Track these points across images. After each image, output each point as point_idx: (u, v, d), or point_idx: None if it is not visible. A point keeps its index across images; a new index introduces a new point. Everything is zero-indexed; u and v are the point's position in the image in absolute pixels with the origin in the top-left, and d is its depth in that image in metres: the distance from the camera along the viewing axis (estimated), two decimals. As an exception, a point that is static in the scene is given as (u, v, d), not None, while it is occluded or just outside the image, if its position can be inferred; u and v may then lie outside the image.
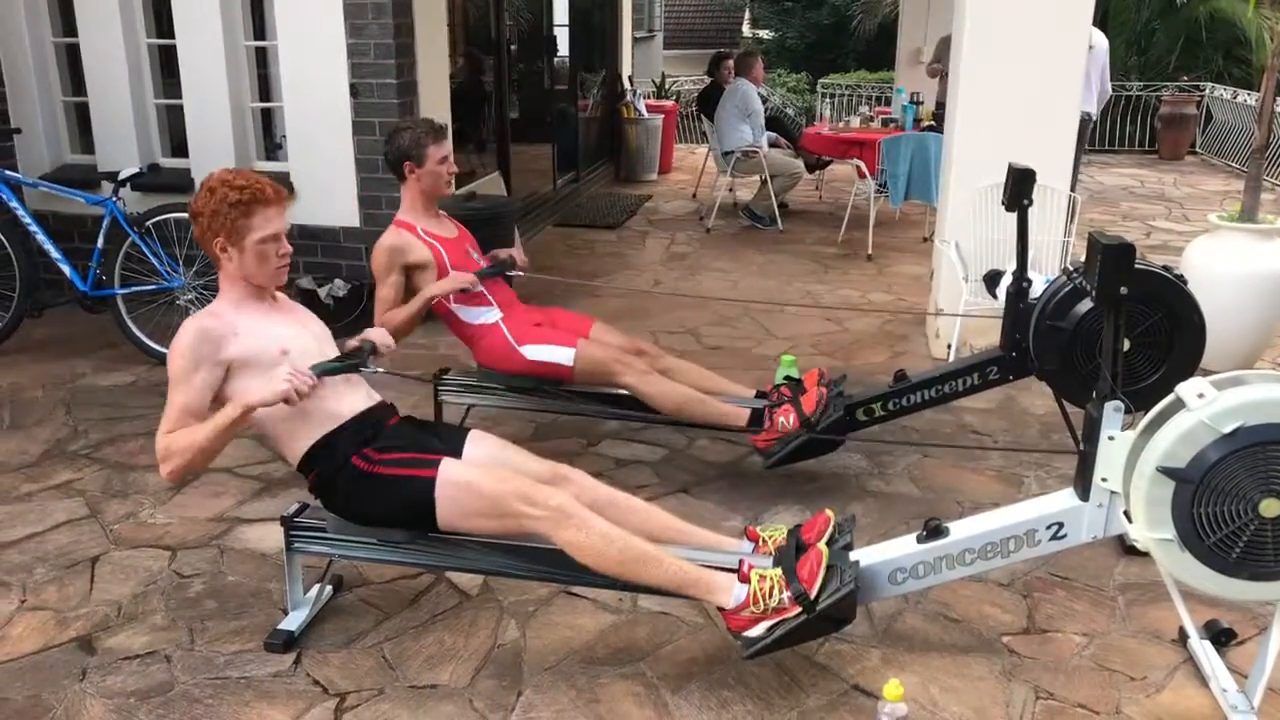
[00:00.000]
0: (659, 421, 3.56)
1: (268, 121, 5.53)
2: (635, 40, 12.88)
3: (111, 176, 4.70)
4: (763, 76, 8.37)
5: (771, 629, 2.33)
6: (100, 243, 4.63)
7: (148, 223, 4.58)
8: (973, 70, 4.47)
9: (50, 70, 5.48)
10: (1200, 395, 2.04)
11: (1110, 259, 2.09)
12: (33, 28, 5.34)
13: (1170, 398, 2.14)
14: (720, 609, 2.38)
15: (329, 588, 2.80)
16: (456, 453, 2.58)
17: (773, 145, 8.22)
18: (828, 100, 11.36)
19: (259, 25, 5.32)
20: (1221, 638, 2.60)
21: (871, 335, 5.30)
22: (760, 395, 3.56)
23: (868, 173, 7.21)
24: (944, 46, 8.59)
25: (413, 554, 2.58)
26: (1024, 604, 2.85)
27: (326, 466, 2.50)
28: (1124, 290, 2.11)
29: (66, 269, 4.67)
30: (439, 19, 5.52)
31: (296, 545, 2.62)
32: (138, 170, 4.77)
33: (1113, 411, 2.21)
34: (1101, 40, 6.82)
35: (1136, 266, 2.22)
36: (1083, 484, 2.30)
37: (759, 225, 7.88)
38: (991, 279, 4.35)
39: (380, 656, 2.58)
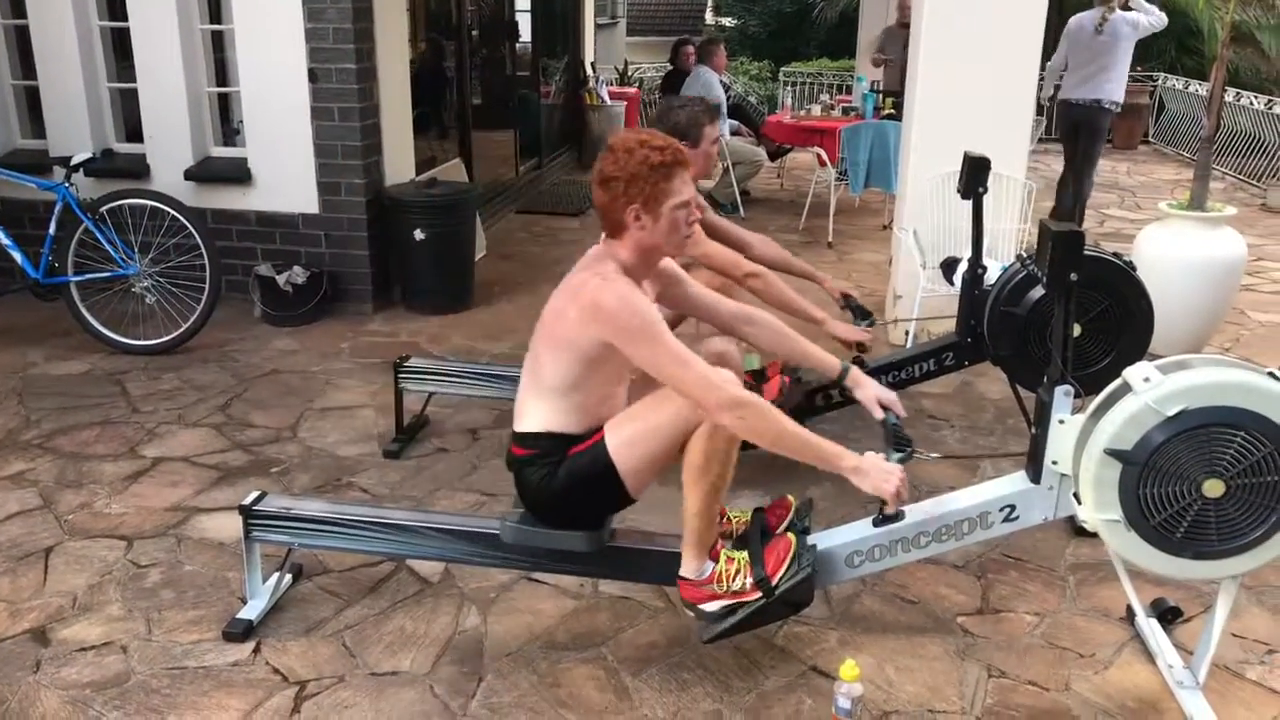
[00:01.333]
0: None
1: (224, 107, 5.45)
2: (598, 27, 12.84)
3: (64, 162, 4.61)
4: (725, 64, 8.39)
5: (729, 610, 2.36)
6: (52, 229, 4.55)
7: (102, 209, 4.51)
8: (930, 61, 4.51)
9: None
10: (1146, 379, 2.09)
11: (1060, 245, 2.13)
12: (-22, 9, 5.23)
13: (1118, 382, 2.19)
14: (680, 578, 2.40)
15: (288, 576, 2.79)
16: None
17: (735, 133, 8.25)
18: (789, 88, 11.40)
19: (215, 9, 5.24)
20: (1168, 616, 2.67)
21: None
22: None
23: (828, 161, 7.25)
24: (887, 36, 8.70)
25: (373, 541, 2.58)
26: (978, 585, 2.90)
27: (546, 456, 2.35)
28: (1074, 276, 2.15)
29: (18, 256, 4.59)
30: (399, 3, 5.47)
31: (255, 534, 2.61)
32: (91, 155, 4.69)
33: (1062, 396, 2.25)
34: (1131, 17, 6.41)
35: (1086, 253, 2.26)
36: (1034, 467, 2.35)
37: (722, 212, 7.88)
38: (948, 266, 4.41)
39: (340, 644, 2.58)
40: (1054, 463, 2.29)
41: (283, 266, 5.07)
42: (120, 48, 5.32)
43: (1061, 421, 2.26)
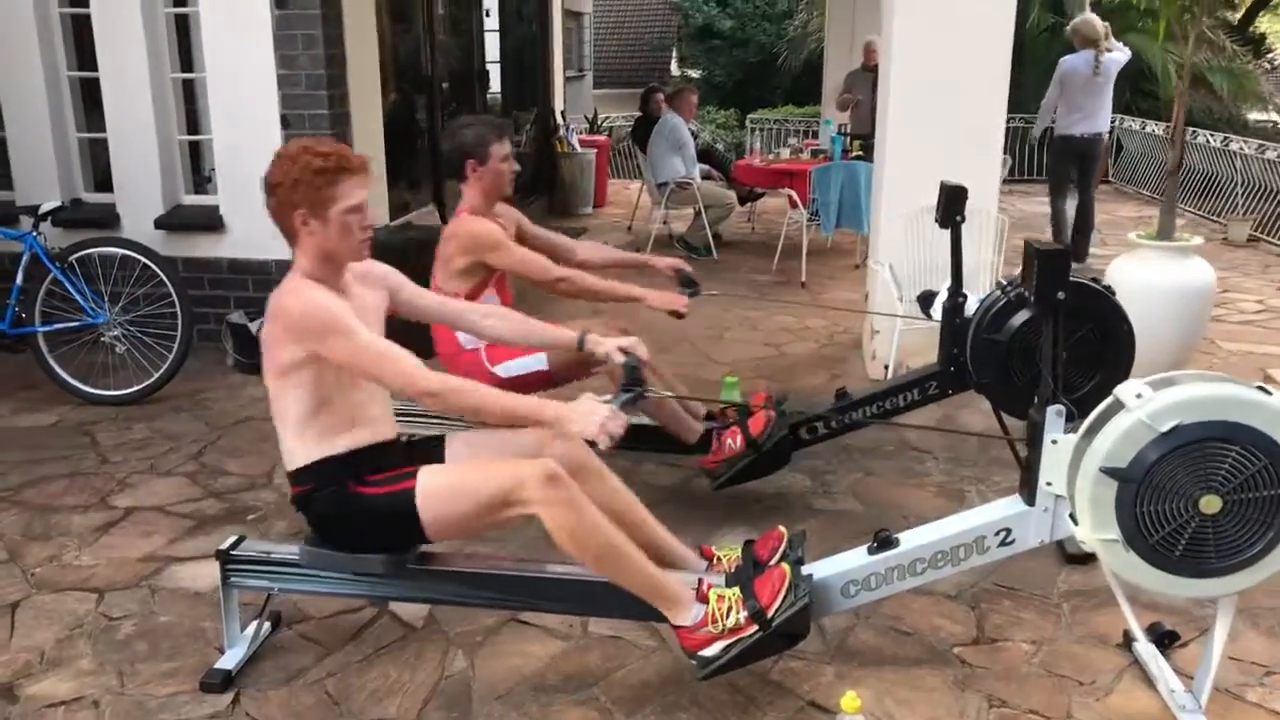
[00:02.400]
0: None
1: (195, 155, 5.42)
2: (566, 79, 12.96)
3: (31, 211, 4.55)
4: (694, 110, 8.46)
5: (727, 648, 2.31)
6: (19, 279, 4.46)
7: (71, 258, 4.44)
8: (900, 98, 4.57)
9: (-36, 104, 5.31)
10: (1138, 396, 2.09)
11: (1046, 264, 2.14)
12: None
13: (1109, 400, 2.18)
14: (676, 627, 2.34)
15: (267, 624, 2.70)
16: (440, 458, 2.51)
17: (705, 177, 8.31)
18: (756, 134, 11.53)
19: (186, 57, 5.22)
20: (1165, 640, 2.63)
21: (809, 359, 5.35)
22: (709, 418, 3.55)
23: (799, 202, 7.31)
24: (853, 79, 8.85)
25: (356, 585, 2.50)
26: (972, 615, 2.86)
27: (325, 484, 2.34)
28: (1061, 295, 2.16)
29: (-17, 307, 4.50)
30: (370, 51, 5.49)
31: (233, 579, 2.53)
32: (59, 204, 4.63)
33: (1055, 416, 2.24)
34: (1118, 56, 6.99)
35: (1079, 282, 2.27)
36: (1028, 489, 2.33)
37: (695, 255, 7.93)
38: (925, 300, 4.41)
39: (324, 692, 2.49)
40: (1048, 484, 2.28)
41: (256, 314, 4.98)
42: (89, 97, 5.28)
43: (1054, 441, 2.24)
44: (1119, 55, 7.02)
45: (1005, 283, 3.14)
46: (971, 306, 3.38)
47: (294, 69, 4.83)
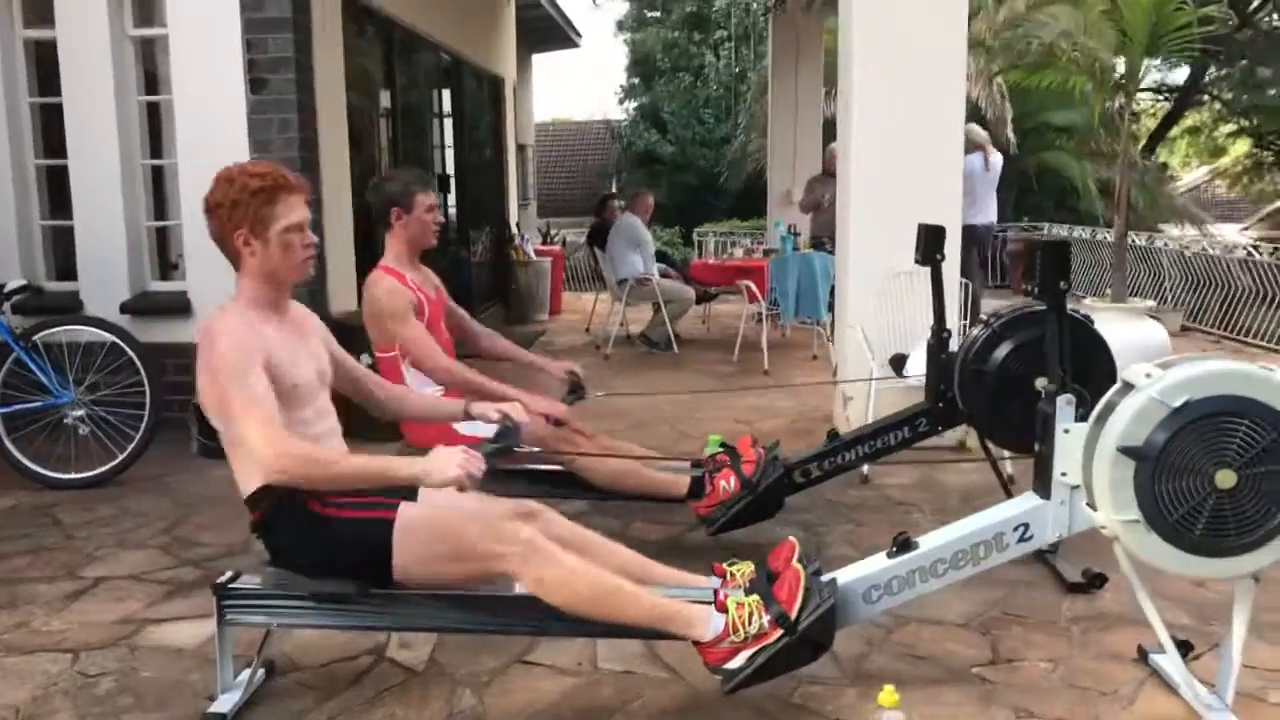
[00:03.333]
0: (593, 496, 3.47)
1: (162, 241, 5.39)
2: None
3: (-5, 290, 4.46)
4: (650, 211, 8.68)
5: (752, 657, 2.24)
6: (-21, 361, 4.34)
7: (35, 337, 4.34)
8: (861, 174, 4.76)
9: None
10: (1148, 375, 2.14)
11: (1050, 255, 2.22)
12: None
13: (1116, 385, 2.23)
14: (697, 643, 2.28)
15: (261, 671, 2.56)
16: (413, 497, 2.46)
17: (664, 275, 8.47)
18: (708, 241, 11.83)
19: (156, 144, 5.26)
20: (1179, 651, 2.62)
21: (782, 432, 5.36)
22: (697, 465, 3.53)
23: (758, 295, 7.47)
24: (817, 183, 9.18)
25: (361, 616, 2.39)
26: (985, 640, 2.83)
27: (279, 506, 2.27)
28: (1064, 285, 2.23)
29: (-62, 391, 4.34)
30: (341, 137, 5.57)
31: (229, 615, 2.40)
32: (24, 284, 4.54)
33: (1065, 405, 2.29)
34: (998, 159, 8.16)
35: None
36: (1043, 483, 2.35)
37: (655, 350, 8.02)
38: (897, 362, 4.51)
39: (327, 732, 2.36)
40: (1063, 474, 2.30)
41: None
42: (52, 184, 5.26)
43: (1066, 431, 2.28)
44: (998, 158, 8.21)
45: (989, 317, 3.22)
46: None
47: (268, 152, 4.88)
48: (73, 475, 4.32)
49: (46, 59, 5.18)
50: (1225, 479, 2.11)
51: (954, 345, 3.45)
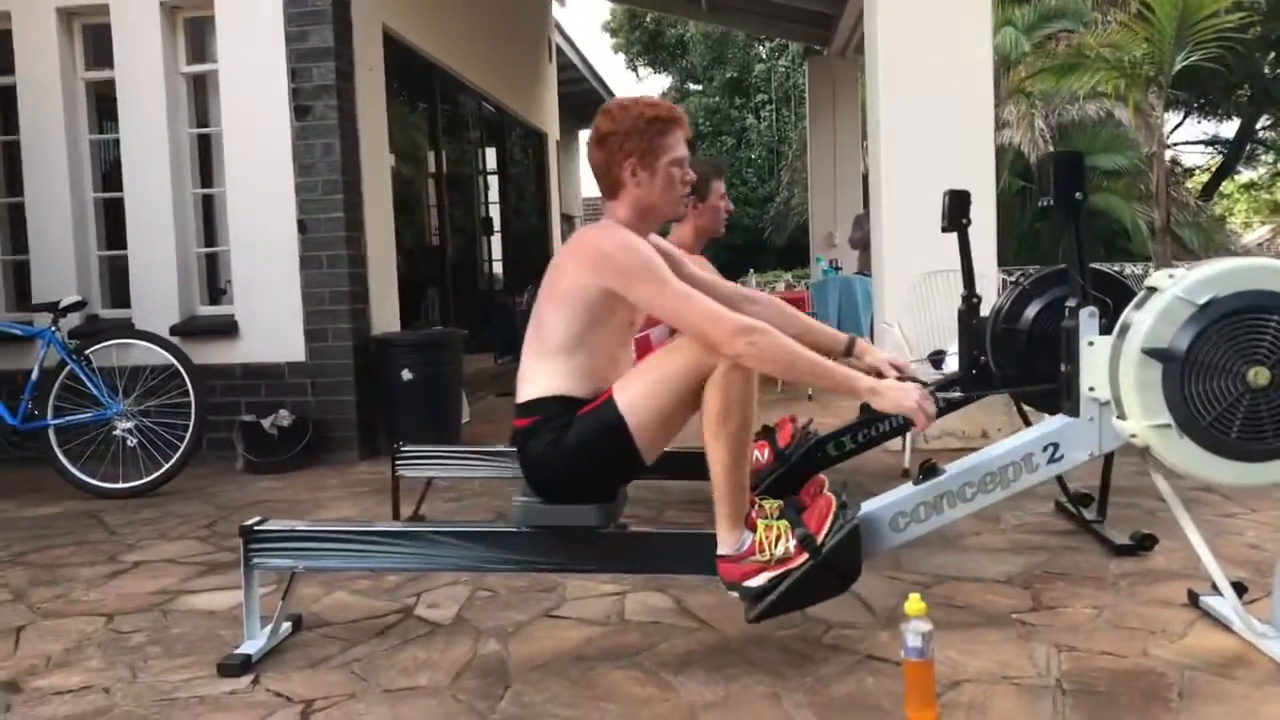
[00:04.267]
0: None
1: (211, 267, 5.56)
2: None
3: (51, 307, 4.61)
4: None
5: (776, 580, 2.19)
6: (35, 374, 4.48)
7: (88, 350, 4.48)
8: (892, 174, 4.78)
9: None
10: (1170, 276, 2.10)
11: (1063, 165, 2.20)
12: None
13: (1140, 294, 2.19)
14: (719, 557, 2.23)
15: (286, 623, 2.56)
16: None
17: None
18: (750, 279, 11.86)
19: (205, 171, 5.46)
20: (1235, 590, 2.51)
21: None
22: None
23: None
24: (863, 219, 9.18)
25: (384, 558, 2.39)
26: (1026, 593, 2.73)
27: (552, 418, 2.25)
28: (1079, 196, 2.21)
29: (-4, 404, 4.49)
30: (383, 167, 5.73)
31: (256, 559, 2.41)
32: (79, 299, 4.69)
33: (1088, 318, 2.24)
34: None
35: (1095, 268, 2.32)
36: (1071, 402, 2.29)
37: (699, 384, 8.00)
38: (936, 358, 4.46)
39: (349, 672, 2.34)
40: (1090, 389, 2.24)
41: (268, 413, 4.99)
42: (109, 217, 5.47)
43: (1091, 344, 2.23)
44: None
45: (1018, 275, 3.18)
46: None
47: (311, 175, 5.05)
48: (119, 485, 4.41)
49: (105, 96, 5.45)
50: (1259, 377, 2.04)
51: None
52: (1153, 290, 2.13)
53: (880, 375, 2.54)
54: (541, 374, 2.29)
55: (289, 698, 2.19)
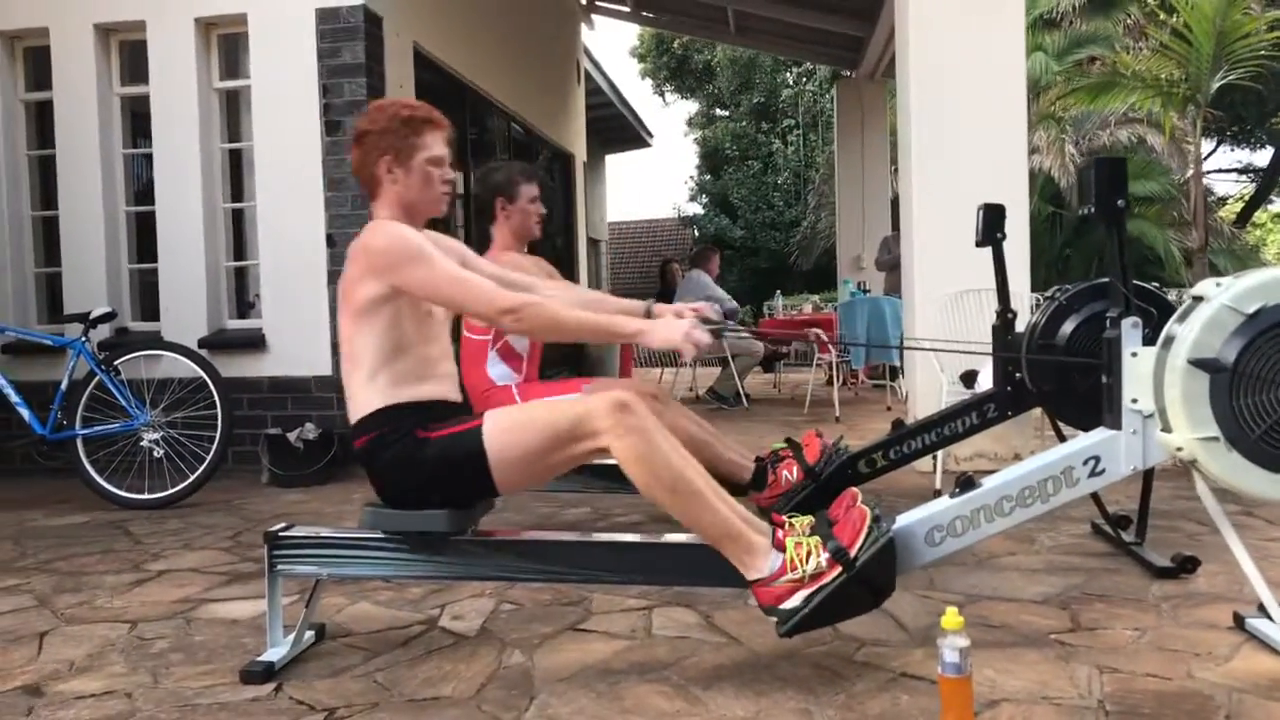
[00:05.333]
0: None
1: (240, 280, 5.59)
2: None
3: (81, 318, 4.64)
4: (716, 268, 8.71)
5: (809, 597, 2.14)
6: (64, 385, 4.50)
7: (117, 361, 4.50)
8: (923, 208, 4.74)
9: (25, 242, 5.56)
10: (1218, 284, 2.04)
11: (1105, 171, 2.15)
12: (11, 203, 5.47)
13: (1185, 303, 2.13)
14: (752, 582, 2.19)
15: (310, 632, 2.53)
16: None
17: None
18: (776, 300, 11.83)
19: (236, 185, 5.50)
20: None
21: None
22: (759, 460, 3.45)
23: (828, 343, 7.40)
24: (891, 241, 9.14)
25: (409, 565, 2.36)
26: (1065, 614, 2.66)
27: (392, 430, 2.28)
28: (1121, 202, 2.16)
29: (25, 414, 4.50)
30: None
31: (280, 566, 2.39)
32: (109, 310, 4.72)
33: (1131, 329, 2.19)
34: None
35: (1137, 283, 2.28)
36: (1113, 414, 2.23)
37: (725, 406, 7.95)
38: (968, 378, 4.39)
39: (372, 681, 2.30)
40: (1133, 401, 2.18)
41: (294, 426, 4.99)
42: (142, 229, 5.52)
43: (1134, 355, 2.17)
44: None
45: (1055, 290, 3.13)
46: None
47: (340, 190, 5.07)
48: (145, 495, 4.41)
49: (139, 112, 5.51)
50: (1311, 389, 1.98)
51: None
52: (1198, 299, 2.08)
53: None
54: (362, 391, 2.32)
55: (312, 706, 2.16)
